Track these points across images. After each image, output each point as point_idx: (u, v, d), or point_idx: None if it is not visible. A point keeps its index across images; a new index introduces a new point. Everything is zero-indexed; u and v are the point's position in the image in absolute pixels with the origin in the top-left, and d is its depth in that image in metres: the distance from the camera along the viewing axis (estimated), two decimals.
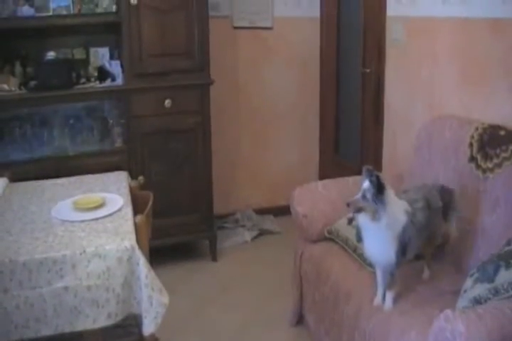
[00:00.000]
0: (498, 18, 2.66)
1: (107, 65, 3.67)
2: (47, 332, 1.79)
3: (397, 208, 2.17)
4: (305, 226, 2.91)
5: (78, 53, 3.74)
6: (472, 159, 2.57)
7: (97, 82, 3.61)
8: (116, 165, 3.29)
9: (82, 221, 2.02)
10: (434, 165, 2.79)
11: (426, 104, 3.28)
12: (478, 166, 2.53)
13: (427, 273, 2.44)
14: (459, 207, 2.47)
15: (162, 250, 3.43)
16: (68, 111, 3.61)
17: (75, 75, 3.59)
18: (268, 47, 4.39)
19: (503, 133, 2.49)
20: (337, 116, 4.51)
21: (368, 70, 3.83)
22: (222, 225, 4.29)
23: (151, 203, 2.22)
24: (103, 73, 3.64)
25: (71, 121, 3.60)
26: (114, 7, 3.52)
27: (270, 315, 3.20)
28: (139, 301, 1.86)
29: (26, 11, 3.44)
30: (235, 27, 4.28)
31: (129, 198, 2.24)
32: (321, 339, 2.71)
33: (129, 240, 1.86)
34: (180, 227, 3.74)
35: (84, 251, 1.80)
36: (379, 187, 2.09)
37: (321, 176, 4.49)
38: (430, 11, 3.14)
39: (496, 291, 1.92)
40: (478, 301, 1.95)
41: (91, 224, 1.99)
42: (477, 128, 2.60)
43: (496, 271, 1.96)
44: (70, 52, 3.73)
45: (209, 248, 3.90)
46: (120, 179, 2.48)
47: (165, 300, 1.86)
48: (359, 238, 2.47)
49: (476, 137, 2.59)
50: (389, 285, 2.26)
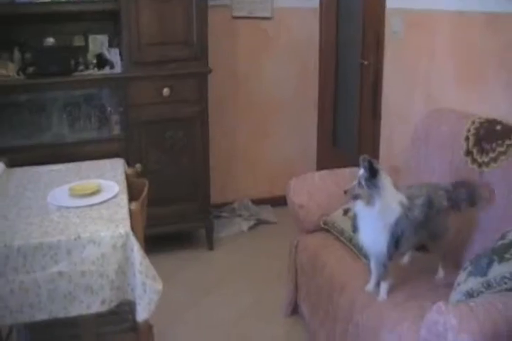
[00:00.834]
0: (495, 12, 2.66)
1: (106, 53, 3.66)
2: (41, 317, 1.80)
3: (392, 197, 2.19)
4: (301, 216, 2.93)
5: (77, 40, 3.73)
6: (468, 153, 2.57)
7: (96, 69, 3.61)
8: (113, 153, 3.28)
9: (78, 207, 2.02)
10: (431, 158, 2.80)
11: (423, 97, 3.28)
12: (474, 160, 2.54)
13: (441, 274, 2.40)
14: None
15: (159, 239, 3.44)
16: (66, 98, 3.61)
17: (73, 62, 3.59)
18: (267, 37, 4.38)
19: (499, 127, 2.50)
20: (335, 107, 4.51)
21: (367, 62, 3.83)
22: (219, 214, 4.30)
23: (146, 190, 2.23)
24: (102, 61, 3.64)
25: (69, 108, 3.61)
26: None
27: (266, 305, 3.22)
28: (133, 288, 1.87)
29: None
30: (234, 17, 4.27)
31: (125, 185, 2.24)
32: (316, 330, 2.73)
33: (124, 227, 1.87)
34: (177, 216, 3.75)
35: (79, 236, 1.81)
36: (372, 172, 2.13)
37: (319, 167, 4.51)
38: (429, 4, 3.15)
39: (489, 285, 1.93)
40: (470, 294, 1.97)
41: (86, 211, 2.00)
42: (474, 122, 2.61)
43: (489, 264, 1.97)
44: (68, 39, 3.72)
45: (205, 237, 3.92)
46: (116, 166, 2.49)
47: (159, 286, 1.87)
48: (355, 228, 2.49)
49: (472, 131, 2.59)
50: (383, 277, 2.28)
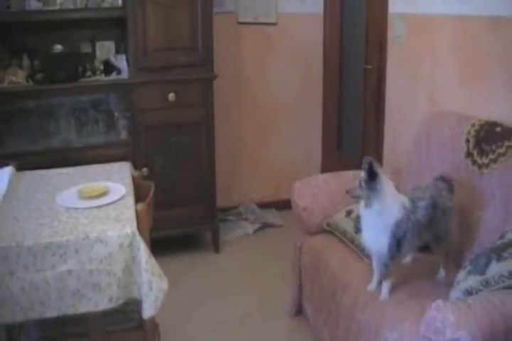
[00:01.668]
0: (497, 15, 2.70)
1: (113, 59, 3.73)
2: (51, 314, 1.85)
3: (393, 199, 2.24)
4: (305, 218, 2.97)
5: (84, 47, 3.80)
6: (468, 155, 2.61)
7: (103, 75, 3.68)
8: (120, 157, 3.33)
9: (86, 208, 2.08)
10: (432, 160, 2.84)
11: (426, 100, 3.32)
12: (474, 162, 2.57)
13: (442, 274, 2.42)
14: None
15: (166, 242, 3.49)
16: (74, 104, 3.68)
17: (81, 68, 3.65)
18: (272, 42, 4.44)
19: (499, 129, 2.53)
20: (339, 111, 4.55)
21: (370, 66, 3.88)
22: (225, 218, 4.35)
23: (152, 192, 2.28)
24: (109, 67, 3.70)
25: (77, 114, 3.67)
26: (120, 2, 3.58)
27: (270, 306, 3.26)
28: (139, 286, 1.91)
29: (34, 4, 3.51)
30: (240, 22, 4.33)
31: (132, 188, 2.29)
32: (319, 329, 2.77)
33: (131, 227, 1.92)
34: (183, 219, 3.80)
35: (88, 236, 1.86)
36: (371, 174, 2.18)
37: (323, 171, 4.54)
38: (431, 9, 3.19)
39: (487, 283, 1.97)
40: (469, 292, 2.01)
41: (94, 212, 2.05)
42: (474, 125, 2.64)
43: (488, 263, 2.00)
44: (76, 46, 3.79)
45: (212, 240, 3.97)
46: (123, 169, 2.54)
47: (164, 285, 1.92)
48: (357, 229, 2.53)
49: (472, 133, 2.63)
50: (384, 276, 2.32)
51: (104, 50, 3.81)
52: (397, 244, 2.26)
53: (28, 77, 3.54)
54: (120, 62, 3.69)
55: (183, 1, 3.60)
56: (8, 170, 2.44)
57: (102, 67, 3.72)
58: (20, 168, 2.63)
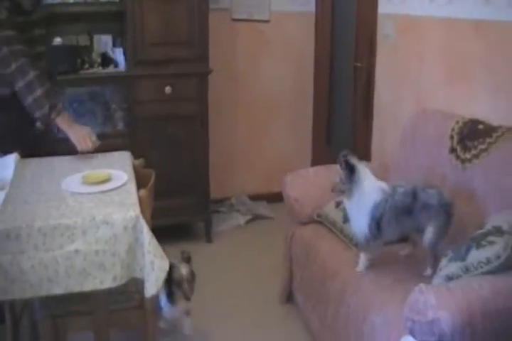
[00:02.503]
0: (480, 19, 2.80)
1: (110, 52, 3.81)
2: (58, 291, 1.94)
3: (371, 185, 2.40)
4: (296, 209, 3.08)
5: (82, 40, 3.87)
6: (452, 150, 2.74)
7: (100, 67, 3.76)
8: (117, 148, 3.37)
9: (90, 193, 2.16)
10: (418, 155, 2.96)
11: (413, 98, 3.42)
12: (458, 157, 2.70)
13: (428, 272, 2.45)
14: None
15: (159, 230, 3.56)
16: (73, 95, 3.75)
17: (79, 61, 3.72)
18: (265, 39, 4.53)
19: (481, 127, 2.66)
20: (330, 107, 4.64)
21: (360, 64, 3.97)
22: (217, 209, 4.44)
23: (153, 179, 2.38)
24: (106, 59, 3.79)
25: (75, 105, 3.74)
26: None
27: (262, 294, 3.36)
28: (142, 266, 2.01)
29: None
30: (234, 19, 4.42)
31: (133, 175, 2.39)
32: (309, 315, 2.89)
33: (134, 210, 2.01)
34: (177, 209, 3.89)
35: (94, 218, 1.96)
36: (349, 168, 2.36)
37: (313, 164, 4.61)
38: (418, 10, 3.29)
39: (467, 269, 2.09)
40: (451, 278, 2.12)
41: (99, 196, 2.14)
42: (458, 122, 2.77)
43: (468, 250, 2.12)
44: (75, 39, 3.86)
45: (204, 230, 4.07)
46: (124, 158, 2.64)
47: (165, 265, 2.01)
48: (345, 219, 2.65)
49: (456, 130, 2.75)
50: (365, 250, 2.49)
51: (102, 43, 3.88)
52: (376, 225, 2.40)
53: None
54: (117, 55, 3.78)
55: None
56: (13, 157, 2.53)
57: (99, 59, 3.80)
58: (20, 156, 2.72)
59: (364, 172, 2.40)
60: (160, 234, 2.00)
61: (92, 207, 2.04)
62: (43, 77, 2.62)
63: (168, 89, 3.74)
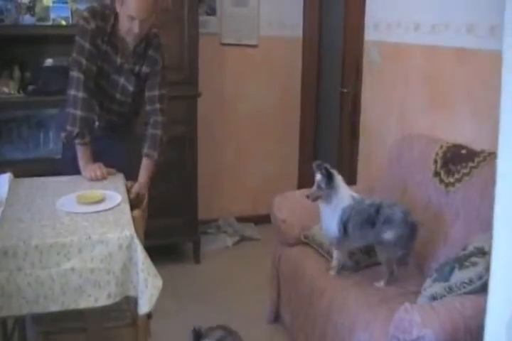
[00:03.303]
0: (462, 47, 2.90)
1: None
2: (54, 308, 1.97)
3: (345, 191, 2.64)
4: (283, 230, 3.14)
5: None
6: (436, 174, 2.82)
7: None
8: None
9: (85, 213, 2.21)
10: (403, 178, 3.04)
11: (398, 122, 3.50)
12: (442, 180, 2.78)
13: (381, 283, 2.61)
14: None
15: (148, 251, 3.59)
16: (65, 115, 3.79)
17: None
18: (253, 63, 4.61)
19: (464, 151, 2.76)
20: (316, 131, 4.72)
21: (346, 90, 4.06)
22: (205, 231, 4.47)
23: (146, 200, 2.44)
24: None
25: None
26: None
27: (249, 314, 3.38)
28: (136, 284, 2.05)
29: (27, 19, 3.65)
30: (223, 43, 4.51)
31: (126, 196, 2.45)
32: (296, 334, 2.94)
33: (129, 230, 2.07)
34: (166, 230, 3.90)
35: (90, 237, 2.00)
36: (328, 175, 2.58)
37: (300, 187, 4.64)
38: (403, 38, 3.38)
39: (450, 289, 2.17)
40: (435, 298, 2.20)
41: (93, 216, 2.19)
42: (442, 147, 2.86)
43: (451, 271, 2.20)
44: (66, 60, 3.90)
45: (192, 251, 4.11)
46: (117, 179, 2.69)
47: (159, 283, 2.06)
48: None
49: (440, 154, 2.84)
50: (336, 247, 2.70)
51: None
52: (343, 228, 2.59)
53: (19, 88, 3.67)
54: None
55: (170, 22, 3.76)
56: (7, 177, 2.57)
57: None
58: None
59: (340, 179, 2.63)
60: (148, 254, 2.05)
61: (87, 227, 2.09)
62: None
63: None
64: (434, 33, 3.11)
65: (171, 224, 3.94)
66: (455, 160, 2.75)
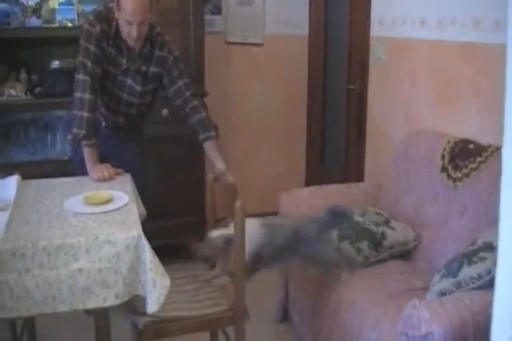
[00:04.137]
0: (468, 42, 2.89)
1: None
2: (62, 308, 1.97)
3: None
4: None
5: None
6: (444, 169, 2.80)
7: None
8: None
9: (93, 213, 2.22)
10: (410, 174, 3.03)
11: (404, 118, 3.48)
12: (449, 176, 2.76)
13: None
14: None
15: (156, 251, 3.61)
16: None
17: None
18: (259, 62, 4.62)
19: (471, 146, 2.74)
20: (323, 128, 4.72)
21: (352, 87, 4.05)
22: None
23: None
24: None
25: None
26: None
27: (257, 313, 3.36)
28: (144, 283, 2.05)
29: (34, 22, 3.67)
30: (228, 42, 4.52)
31: (133, 196, 2.46)
32: (304, 333, 2.94)
33: (136, 230, 2.07)
34: (174, 229, 3.94)
35: (97, 237, 2.01)
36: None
37: (307, 184, 4.68)
38: (409, 33, 3.37)
39: (459, 285, 2.15)
40: (443, 294, 2.19)
41: (101, 216, 2.19)
42: (449, 142, 2.85)
43: (460, 267, 2.19)
44: (72, 62, 3.92)
45: None
46: (124, 180, 2.70)
47: (167, 282, 2.06)
48: (340, 237, 2.73)
49: (447, 149, 2.83)
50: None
51: None
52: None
53: (26, 90, 3.69)
54: None
55: (176, 22, 3.78)
56: (14, 179, 2.59)
57: None
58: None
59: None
60: (157, 253, 2.06)
61: (94, 227, 2.09)
62: None
63: (165, 112, 3.81)
64: (439, 28, 3.09)
65: (179, 224, 3.96)
66: (463, 155, 2.73)
